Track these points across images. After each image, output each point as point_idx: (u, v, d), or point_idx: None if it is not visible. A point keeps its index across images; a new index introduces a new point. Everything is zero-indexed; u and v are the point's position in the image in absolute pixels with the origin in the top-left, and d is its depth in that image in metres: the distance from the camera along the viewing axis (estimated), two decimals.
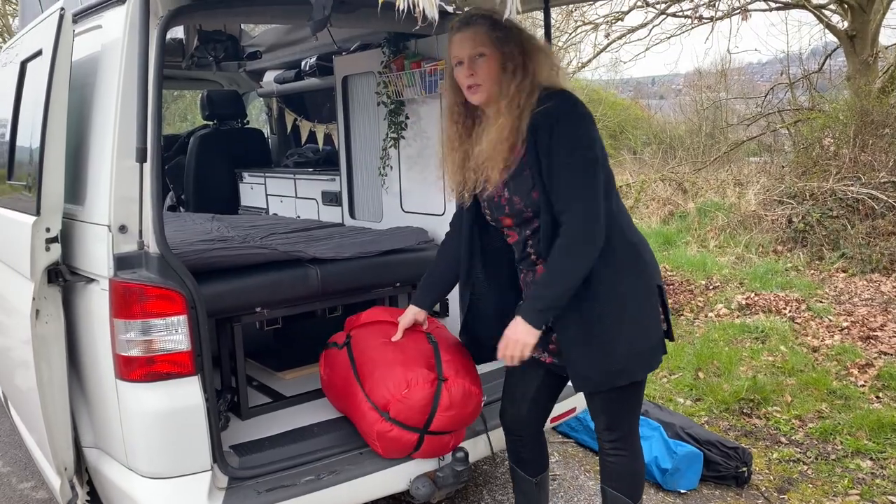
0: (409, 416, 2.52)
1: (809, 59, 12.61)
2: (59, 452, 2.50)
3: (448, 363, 2.61)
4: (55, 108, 2.33)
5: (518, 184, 2.25)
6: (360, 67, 3.89)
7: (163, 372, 2.34)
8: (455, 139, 2.41)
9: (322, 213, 4.55)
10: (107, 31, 2.53)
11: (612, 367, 2.27)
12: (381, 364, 2.61)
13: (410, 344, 2.68)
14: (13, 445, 4.10)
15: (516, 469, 2.71)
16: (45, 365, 2.45)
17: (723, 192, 9.76)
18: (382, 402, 2.54)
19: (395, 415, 2.51)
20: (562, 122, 2.17)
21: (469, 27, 2.25)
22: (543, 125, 2.17)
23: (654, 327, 2.35)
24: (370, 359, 2.65)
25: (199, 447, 2.36)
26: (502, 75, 2.22)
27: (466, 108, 2.38)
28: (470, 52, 2.23)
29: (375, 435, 2.56)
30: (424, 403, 2.51)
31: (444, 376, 2.57)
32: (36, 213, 2.36)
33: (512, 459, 2.72)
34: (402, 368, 2.55)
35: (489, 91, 2.23)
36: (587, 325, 2.25)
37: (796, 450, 3.81)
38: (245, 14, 2.71)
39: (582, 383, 2.32)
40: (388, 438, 2.55)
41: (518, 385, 2.58)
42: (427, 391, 2.51)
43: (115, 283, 2.32)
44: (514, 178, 2.25)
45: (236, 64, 5.48)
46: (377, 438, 2.57)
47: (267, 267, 2.88)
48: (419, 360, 2.59)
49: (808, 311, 5.90)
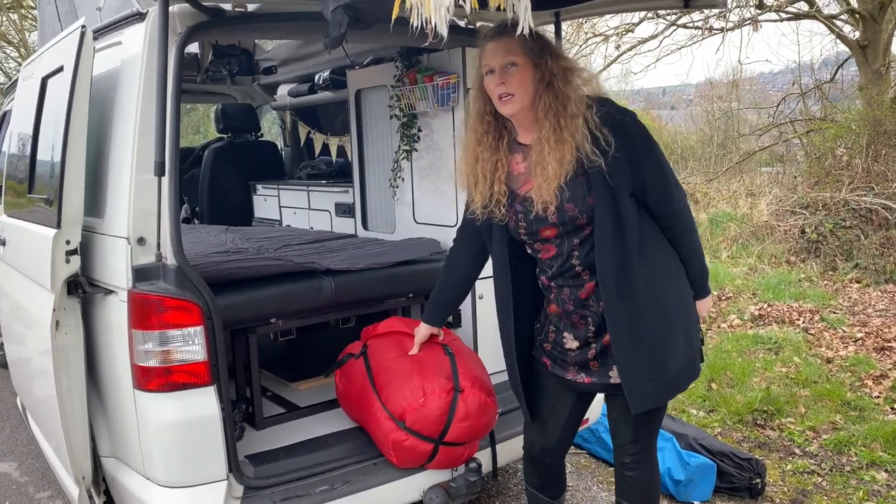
0: (424, 425, 2.53)
1: (821, 70, 12.58)
2: (77, 461, 2.54)
3: (464, 374, 2.63)
4: (76, 123, 2.38)
5: (572, 190, 2.14)
6: (373, 81, 3.93)
7: (179, 382, 2.38)
8: (485, 150, 2.30)
9: (335, 225, 4.59)
10: (126, 48, 2.59)
11: (665, 379, 2.22)
12: (398, 374, 2.63)
13: (427, 355, 2.70)
14: (31, 455, 4.14)
15: (536, 493, 2.62)
16: (65, 375, 2.49)
17: (735, 202, 9.74)
18: (399, 411, 2.56)
19: (411, 424, 2.53)
20: (628, 125, 2.15)
21: (502, 36, 2.16)
22: (607, 132, 2.10)
23: (697, 337, 2.34)
24: (387, 368, 2.68)
25: (215, 457, 2.40)
26: (543, 88, 2.15)
27: (496, 118, 2.29)
28: (501, 61, 2.15)
29: (391, 444, 2.58)
30: (440, 413, 2.53)
31: (460, 387, 2.58)
32: (56, 225, 2.41)
33: (533, 486, 2.62)
34: (418, 378, 2.58)
35: (521, 101, 2.16)
36: (642, 336, 2.17)
37: (811, 461, 3.79)
38: (261, 30, 2.74)
39: (639, 401, 2.20)
40: (403, 448, 2.57)
41: (551, 415, 2.47)
42: (443, 401, 2.53)
43: (133, 294, 2.36)
44: (567, 184, 2.14)
45: (250, 78, 5.55)
46: (392, 448, 2.58)
47: (281, 278, 2.91)
48: (436, 370, 2.62)
49: (822, 321, 5.88)
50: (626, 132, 2.14)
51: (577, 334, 2.30)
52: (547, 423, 2.49)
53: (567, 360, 2.35)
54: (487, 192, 2.30)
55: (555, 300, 2.32)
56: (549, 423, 2.48)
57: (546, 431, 2.50)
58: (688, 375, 2.31)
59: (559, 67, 2.17)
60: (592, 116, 2.12)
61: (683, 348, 2.27)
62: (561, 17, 3.22)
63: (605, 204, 2.13)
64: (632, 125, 2.17)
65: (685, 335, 2.28)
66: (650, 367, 2.20)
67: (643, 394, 2.20)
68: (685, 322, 2.29)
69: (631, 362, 2.19)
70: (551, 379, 2.43)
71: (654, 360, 2.20)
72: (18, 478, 3.92)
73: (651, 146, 2.21)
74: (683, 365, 2.27)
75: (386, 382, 2.65)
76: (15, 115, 3.65)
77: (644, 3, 3.03)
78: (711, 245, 8.66)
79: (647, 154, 2.19)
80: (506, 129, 2.31)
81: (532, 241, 2.31)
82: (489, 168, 2.29)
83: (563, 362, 2.36)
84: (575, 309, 2.27)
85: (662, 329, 2.21)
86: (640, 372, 2.19)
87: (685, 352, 2.28)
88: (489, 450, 2.83)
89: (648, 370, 2.19)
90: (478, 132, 2.32)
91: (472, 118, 2.36)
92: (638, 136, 2.18)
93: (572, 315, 2.28)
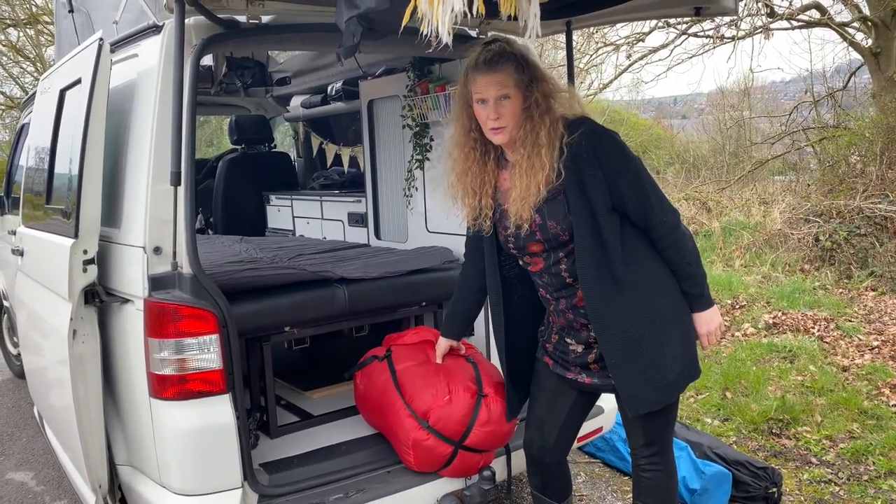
0: (447, 425, 2.56)
1: (834, 78, 12.51)
2: (93, 469, 2.55)
3: (487, 381, 2.68)
4: (93, 134, 2.41)
5: (553, 209, 2.23)
6: (385, 91, 3.96)
7: (195, 390, 2.39)
8: (472, 166, 2.37)
9: (348, 234, 4.61)
10: (143, 60, 2.63)
11: (663, 383, 2.26)
12: (424, 374, 2.68)
13: (451, 362, 2.77)
14: (47, 465, 4.17)
15: (541, 497, 2.65)
16: (82, 383, 2.51)
17: (748, 210, 9.70)
18: (423, 408, 2.60)
19: (435, 422, 2.57)
20: (603, 145, 2.21)
21: (495, 68, 2.21)
22: (583, 154, 2.18)
23: (693, 337, 2.37)
24: (410, 369, 2.72)
25: (231, 465, 2.41)
26: (524, 116, 2.23)
27: (481, 135, 2.34)
28: (495, 94, 2.21)
29: (411, 443, 2.59)
30: (464, 413, 2.56)
31: (483, 392, 2.62)
32: (74, 235, 2.43)
33: (536, 487, 2.66)
34: (444, 378, 2.63)
35: (511, 133, 2.24)
36: (633, 342, 2.23)
37: (827, 470, 3.76)
38: (276, 42, 2.78)
39: (637, 404, 2.26)
40: (423, 448, 2.58)
41: (549, 412, 2.52)
42: (468, 402, 2.57)
43: (149, 303, 2.38)
44: (548, 203, 2.23)
45: (264, 89, 5.60)
46: (412, 447, 2.59)
47: (295, 287, 2.93)
48: (461, 373, 2.67)
49: (837, 330, 5.83)
50: (601, 151, 2.19)
51: (579, 339, 2.38)
52: (545, 422, 2.54)
53: (568, 361, 2.42)
54: (476, 205, 2.40)
55: (554, 311, 2.41)
56: (548, 422, 2.53)
57: (544, 430, 2.54)
58: (687, 376, 2.34)
59: (542, 95, 2.24)
60: (567, 141, 2.19)
61: (681, 351, 2.31)
62: (572, 25, 3.23)
63: (584, 221, 2.20)
64: (607, 144, 2.23)
65: (681, 337, 2.32)
66: (646, 372, 2.25)
67: (640, 398, 2.27)
68: (681, 325, 2.33)
69: (623, 369, 2.26)
70: (552, 378, 2.50)
71: (648, 365, 2.25)
72: (35, 487, 3.94)
73: (628, 163, 2.24)
74: (681, 367, 2.31)
75: (410, 381, 2.70)
76: (33, 128, 3.70)
77: (655, 11, 3.03)
78: (724, 253, 8.62)
79: (624, 171, 2.23)
80: (491, 146, 2.38)
81: (521, 255, 2.40)
82: (477, 183, 2.38)
83: (564, 362, 2.44)
84: (575, 317, 2.35)
85: (655, 333, 2.26)
86: (635, 377, 2.25)
87: (683, 354, 2.32)
88: (503, 459, 2.83)
89: (644, 374, 2.25)
90: (465, 148, 2.39)
91: (457, 133, 2.41)
92: (613, 154, 2.23)
93: (573, 323, 2.36)
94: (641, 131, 17.27)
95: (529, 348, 2.59)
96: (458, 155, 2.41)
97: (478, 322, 3.35)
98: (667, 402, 2.33)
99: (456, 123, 2.42)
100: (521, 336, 2.57)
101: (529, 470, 2.66)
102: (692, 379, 2.37)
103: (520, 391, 2.62)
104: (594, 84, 11.94)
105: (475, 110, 2.29)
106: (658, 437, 2.42)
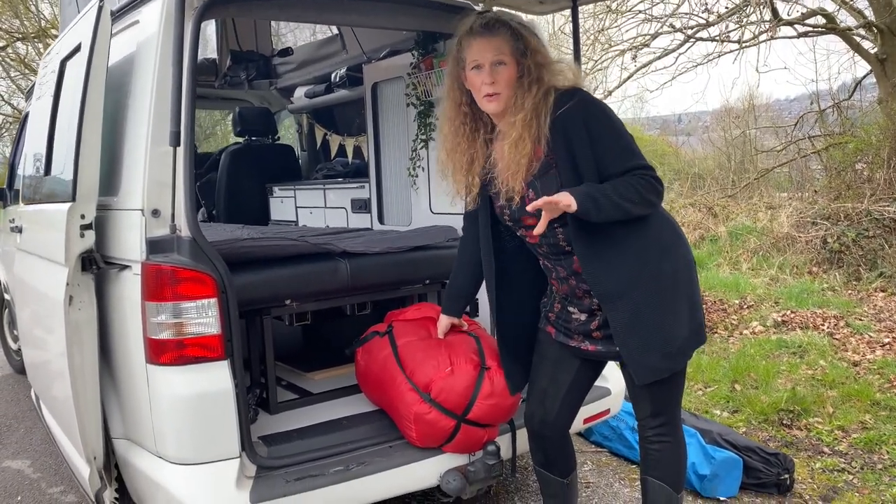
0: (449, 397, 2.50)
1: (839, 92, 12.45)
2: (88, 440, 2.49)
3: (490, 355, 2.62)
4: (92, 96, 2.38)
5: (545, 183, 2.20)
6: (389, 73, 3.93)
7: (193, 356, 2.34)
8: (462, 141, 2.35)
9: (351, 221, 4.57)
10: (144, 26, 2.60)
11: (671, 350, 2.20)
12: (425, 348, 2.63)
13: (453, 336, 2.72)
14: (44, 453, 4.10)
15: (544, 472, 2.59)
16: (77, 351, 2.45)
17: (754, 215, 9.63)
18: (425, 381, 2.54)
19: (437, 395, 2.51)
20: (592, 116, 2.17)
21: (491, 32, 2.21)
22: (573, 126, 2.15)
23: (699, 303, 2.31)
24: (412, 345, 2.67)
25: (228, 433, 2.35)
26: (517, 86, 2.20)
27: (472, 109, 2.33)
28: (491, 59, 2.19)
29: (413, 417, 2.53)
30: (466, 386, 2.50)
31: (486, 365, 2.56)
32: (72, 198, 2.39)
33: (539, 463, 2.59)
34: (446, 351, 2.58)
35: (506, 101, 2.21)
36: (637, 308, 2.17)
37: (840, 460, 3.67)
38: (278, 7, 2.74)
39: (646, 373, 2.20)
40: (424, 422, 2.52)
41: (552, 382, 2.46)
42: (470, 374, 2.51)
43: (146, 265, 2.34)
44: (540, 177, 2.21)
45: (268, 82, 5.59)
46: (414, 421, 2.53)
47: (297, 259, 2.88)
48: (463, 346, 2.62)
49: (848, 327, 5.75)
50: (590, 118, 2.15)
51: (581, 307, 2.33)
52: (547, 392, 2.47)
53: (571, 329, 2.37)
54: (463, 181, 2.38)
55: (556, 279, 2.37)
56: (550, 392, 2.46)
57: (546, 402, 2.47)
58: (695, 341, 2.28)
59: (535, 65, 2.21)
60: (554, 114, 2.15)
61: (687, 316, 2.25)
62: (578, 2, 3.20)
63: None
64: (595, 111, 2.18)
65: (687, 301, 2.25)
66: (652, 339, 2.18)
67: (647, 366, 2.20)
68: (687, 288, 2.26)
69: (628, 336, 2.20)
70: (554, 347, 2.43)
71: (654, 331, 2.18)
72: (31, 474, 3.87)
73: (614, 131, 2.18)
74: (688, 332, 2.24)
75: (411, 355, 2.64)
76: (33, 108, 3.67)
77: None
78: (731, 257, 8.55)
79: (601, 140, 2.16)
80: (481, 122, 2.35)
81: (517, 227, 2.36)
82: (466, 160, 2.36)
83: (567, 330, 2.38)
84: (577, 283, 2.29)
85: (660, 298, 2.19)
86: (641, 344, 2.19)
87: (690, 319, 2.25)
88: (508, 436, 2.75)
89: (650, 341, 2.18)
90: (454, 122, 2.36)
91: (447, 108, 2.39)
92: (602, 121, 2.18)
93: (575, 290, 2.31)
94: (645, 145, 17.30)
95: (531, 322, 2.53)
96: (448, 130, 2.38)
97: (484, 301, 3.29)
98: (675, 370, 2.26)
99: (446, 98, 2.39)
100: (522, 308, 2.51)
101: (532, 446, 2.59)
102: (699, 344, 2.31)
103: (522, 364, 2.55)
104: (599, 89, 11.91)
105: (469, 78, 2.27)
106: (666, 407, 2.35)
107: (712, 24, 10.32)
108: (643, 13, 10.61)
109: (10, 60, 16.00)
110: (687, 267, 2.29)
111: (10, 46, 15.53)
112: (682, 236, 2.33)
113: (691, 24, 10.66)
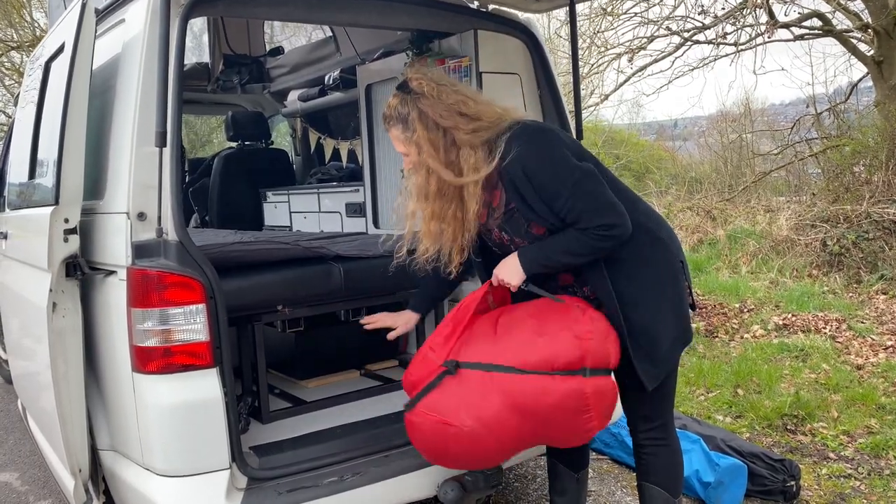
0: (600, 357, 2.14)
1: (835, 96, 12.41)
2: (73, 452, 2.41)
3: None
4: (76, 97, 2.31)
5: (513, 227, 2.25)
6: (383, 74, 3.86)
7: (180, 364, 2.26)
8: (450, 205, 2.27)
9: (346, 225, 4.49)
10: (130, 25, 2.52)
11: (660, 354, 2.22)
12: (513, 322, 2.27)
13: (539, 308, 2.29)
14: (33, 466, 4.01)
15: (557, 464, 2.59)
16: (62, 359, 2.37)
17: (753, 218, 9.58)
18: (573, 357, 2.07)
19: (594, 363, 2.11)
20: (530, 167, 2.13)
21: (389, 129, 2.27)
22: (517, 178, 2.13)
23: (684, 304, 2.31)
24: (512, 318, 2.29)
25: (217, 444, 2.27)
26: (436, 154, 2.17)
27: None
28: (399, 148, 2.27)
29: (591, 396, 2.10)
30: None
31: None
32: (54, 202, 2.32)
33: (552, 454, 2.60)
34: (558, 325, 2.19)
35: (438, 172, 2.18)
36: (624, 316, 2.19)
37: (847, 465, 3.59)
38: (266, 5, 2.68)
39: (647, 378, 2.21)
40: (601, 393, 2.13)
41: None
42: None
43: (132, 270, 2.26)
44: (507, 222, 2.26)
45: (261, 86, 5.52)
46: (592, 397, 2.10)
47: (289, 263, 2.80)
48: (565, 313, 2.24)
49: (850, 330, 5.68)
50: (531, 174, 2.12)
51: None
52: None
53: None
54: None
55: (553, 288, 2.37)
56: None
57: None
58: (682, 342, 2.30)
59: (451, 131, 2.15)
60: (500, 164, 2.13)
61: (673, 317, 2.25)
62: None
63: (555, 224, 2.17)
64: (534, 165, 2.12)
65: (671, 304, 2.25)
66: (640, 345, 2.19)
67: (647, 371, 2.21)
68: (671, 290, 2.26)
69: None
70: None
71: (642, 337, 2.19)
72: (19, 487, 3.78)
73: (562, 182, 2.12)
74: (676, 334, 2.25)
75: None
76: (20, 113, 3.60)
77: None
78: (730, 261, 8.48)
79: (547, 191, 2.13)
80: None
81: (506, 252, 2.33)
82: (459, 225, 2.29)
83: None
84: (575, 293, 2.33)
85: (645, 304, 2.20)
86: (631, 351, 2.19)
87: (675, 320, 2.26)
88: None
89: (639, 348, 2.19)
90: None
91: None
92: (541, 179, 2.12)
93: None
94: (641, 151, 17.29)
95: None
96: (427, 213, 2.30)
97: None
98: (666, 373, 2.27)
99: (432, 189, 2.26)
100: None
101: None
102: (686, 344, 2.33)
103: None
104: (595, 93, 11.87)
105: None
106: (658, 410, 2.35)
107: (709, 26, 10.28)
108: (638, 16, 10.58)
109: (5, 70, 15.93)
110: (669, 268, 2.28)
111: (4, 56, 15.46)
112: (661, 239, 2.29)
113: (687, 27, 10.63)
